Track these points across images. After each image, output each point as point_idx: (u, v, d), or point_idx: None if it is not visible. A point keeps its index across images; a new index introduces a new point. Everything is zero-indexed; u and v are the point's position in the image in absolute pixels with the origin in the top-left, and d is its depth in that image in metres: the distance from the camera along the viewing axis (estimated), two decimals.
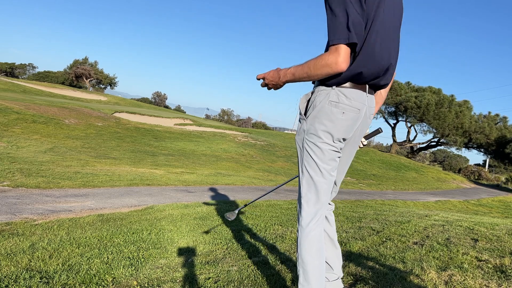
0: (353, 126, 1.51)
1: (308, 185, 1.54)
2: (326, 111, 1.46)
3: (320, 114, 1.48)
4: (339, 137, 1.49)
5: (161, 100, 66.07)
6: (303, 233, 1.53)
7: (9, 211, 4.10)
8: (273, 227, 4.06)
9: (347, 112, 1.46)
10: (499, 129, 31.41)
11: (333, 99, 1.46)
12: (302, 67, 1.44)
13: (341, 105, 1.46)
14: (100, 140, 14.24)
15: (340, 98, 1.46)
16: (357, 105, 1.48)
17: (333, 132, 1.47)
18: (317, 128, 1.48)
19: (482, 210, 13.58)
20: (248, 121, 54.92)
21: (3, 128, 12.04)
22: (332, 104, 1.46)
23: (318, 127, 1.48)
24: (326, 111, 1.46)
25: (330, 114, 1.46)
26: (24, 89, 29.55)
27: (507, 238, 3.33)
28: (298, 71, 1.46)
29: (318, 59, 1.38)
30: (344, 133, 1.50)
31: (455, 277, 2.25)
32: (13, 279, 2.18)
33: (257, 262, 2.66)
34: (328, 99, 1.47)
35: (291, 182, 11.81)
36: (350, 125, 1.49)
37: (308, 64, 1.41)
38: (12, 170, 6.51)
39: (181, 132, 21.27)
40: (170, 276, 2.39)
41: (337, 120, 1.46)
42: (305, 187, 1.55)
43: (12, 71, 59.15)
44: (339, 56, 1.32)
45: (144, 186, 6.96)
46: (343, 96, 1.46)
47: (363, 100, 1.50)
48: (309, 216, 1.53)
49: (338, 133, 1.48)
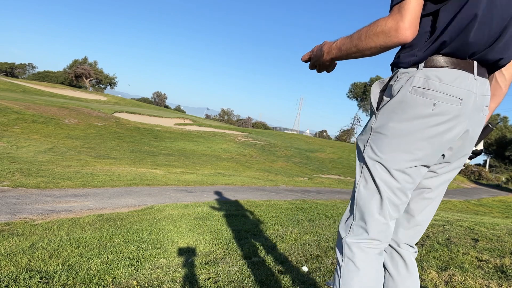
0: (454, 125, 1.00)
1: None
2: (409, 102, 0.99)
3: (398, 107, 1.01)
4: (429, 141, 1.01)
5: (161, 100, 66.11)
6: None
7: (9, 211, 4.09)
8: (273, 227, 4.06)
9: (440, 103, 0.97)
10: (499, 129, 31.42)
11: (418, 84, 0.99)
12: (351, 38, 1.04)
13: (431, 92, 0.97)
14: (100, 140, 14.23)
15: (430, 83, 0.98)
16: (458, 92, 0.97)
17: (420, 134, 1.00)
18: (392, 126, 1.02)
19: (483, 210, 13.58)
20: (248, 121, 54.96)
21: (3, 128, 12.04)
22: (418, 92, 0.98)
23: (394, 125, 1.01)
24: (409, 102, 0.99)
25: (414, 107, 0.99)
26: (24, 89, 29.55)
27: (507, 238, 3.33)
28: (346, 43, 1.06)
29: (373, 25, 0.98)
30: (441, 136, 1.01)
31: (455, 277, 2.24)
32: (13, 279, 2.17)
33: (257, 262, 2.65)
34: (412, 84, 0.99)
35: (290, 182, 11.82)
36: (450, 124, 0.99)
37: (359, 32, 1.02)
38: (12, 170, 6.51)
39: (181, 132, 21.27)
40: (170, 276, 2.39)
41: (425, 116, 0.98)
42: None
43: (12, 71, 59.18)
44: (401, 19, 0.93)
45: (144, 186, 6.96)
46: (435, 79, 0.98)
47: (468, 84, 0.99)
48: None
49: (428, 136, 1.00)
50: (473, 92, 0.99)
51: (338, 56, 1.11)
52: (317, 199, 7.82)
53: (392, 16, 0.95)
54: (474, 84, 0.99)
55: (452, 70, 0.98)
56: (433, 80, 0.98)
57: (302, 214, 5.14)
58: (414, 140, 1.00)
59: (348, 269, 1.06)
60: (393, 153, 1.02)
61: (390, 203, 1.05)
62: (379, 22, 0.97)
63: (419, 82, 0.99)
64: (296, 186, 11.09)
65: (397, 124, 1.01)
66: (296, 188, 10.65)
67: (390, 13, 0.97)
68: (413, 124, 1.00)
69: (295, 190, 9.79)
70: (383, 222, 1.06)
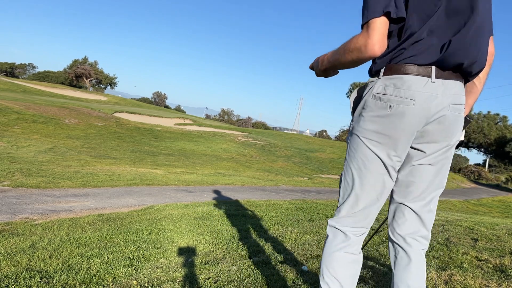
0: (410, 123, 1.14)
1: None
2: (370, 106, 1.17)
3: (364, 111, 1.19)
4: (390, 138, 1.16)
5: (161, 100, 66.12)
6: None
7: (9, 211, 4.10)
8: (273, 227, 4.06)
9: (395, 105, 1.13)
10: (499, 129, 31.41)
11: (378, 91, 1.16)
12: (335, 52, 1.21)
13: (387, 97, 1.14)
14: (100, 140, 14.24)
15: (387, 89, 1.14)
16: (410, 94, 1.11)
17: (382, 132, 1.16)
18: (362, 127, 1.20)
19: (482, 210, 13.59)
20: (248, 121, 54.96)
21: (3, 128, 12.04)
22: (377, 97, 1.16)
23: (364, 125, 1.19)
24: (370, 106, 1.17)
25: (374, 110, 1.16)
26: (24, 89, 29.55)
27: (507, 237, 3.33)
28: (332, 57, 1.24)
29: (348, 42, 1.14)
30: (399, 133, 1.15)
31: (455, 276, 2.25)
32: (13, 279, 2.18)
33: (257, 262, 2.66)
34: (372, 91, 1.17)
35: (290, 182, 11.82)
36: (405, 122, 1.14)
37: (340, 48, 1.18)
38: (12, 170, 6.51)
39: (181, 132, 21.28)
40: (170, 276, 2.39)
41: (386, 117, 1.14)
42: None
43: (12, 71, 59.18)
44: (369, 37, 1.07)
45: (144, 186, 6.96)
46: (390, 85, 1.14)
47: (424, 87, 1.12)
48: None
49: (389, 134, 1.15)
50: (431, 93, 1.12)
51: (328, 67, 1.28)
52: (317, 199, 7.83)
53: (362, 34, 1.09)
54: (433, 86, 1.12)
55: (406, 76, 1.12)
56: (388, 86, 1.14)
57: (302, 214, 5.15)
58: (378, 137, 1.17)
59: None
60: (363, 149, 1.20)
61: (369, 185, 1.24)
62: (353, 40, 1.12)
63: (378, 89, 1.16)
64: (296, 186, 11.09)
65: (365, 124, 1.19)
66: (296, 188, 10.65)
67: (361, 31, 1.11)
68: (375, 124, 1.16)
69: (295, 190, 9.80)
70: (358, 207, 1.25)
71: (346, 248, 1.26)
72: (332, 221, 1.31)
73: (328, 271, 1.25)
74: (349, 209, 1.26)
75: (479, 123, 31.35)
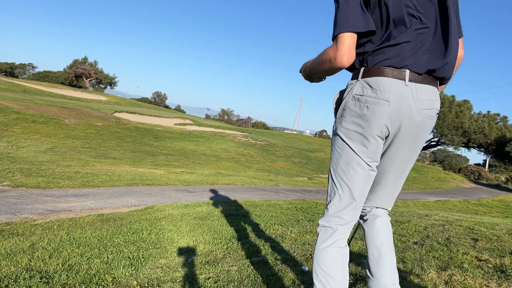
0: (384, 123, 1.21)
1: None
2: (350, 107, 1.26)
3: (344, 112, 1.28)
4: (369, 137, 1.24)
5: (161, 100, 66.11)
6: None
7: (9, 211, 4.10)
8: (273, 227, 4.06)
9: (371, 106, 1.21)
10: (499, 128, 31.41)
11: (357, 92, 1.24)
12: (313, 61, 1.32)
13: (364, 98, 1.22)
14: (100, 140, 14.24)
15: (365, 91, 1.22)
16: (386, 96, 1.19)
17: (361, 132, 1.25)
18: (343, 127, 1.29)
19: (482, 210, 13.59)
20: (248, 121, 54.95)
21: (3, 128, 12.04)
22: (355, 98, 1.24)
23: (345, 125, 1.28)
24: (350, 107, 1.26)
25: (353, 110, 1.25)
26: (24, 89, 29.55)
27: (507, 237, 3.33)
28: (311, 65, 1.34)
29: (322, 53, 1.23)
30: (376, 132, 1.23)
31: (455, 276, 2.25)
32: (13, 279, 2.18)
33: (257, 262, 2.65)
34: (352, 93, 1.25)
35: (290, 182, 11.82)
36: (381, 122, 1.21)
37: (316, 57, 1.29)
38: (12, 170, 6.51)
39: (181, 132, 21.27)
40: (170, 276, 2.39)
41: (363, 117, 1.22)
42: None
43: (12, 71, 59.17)
44: (337, 50, 1.15)
45: (144, 186, 6.96)
46: (368, 87, 1.22)
47: (399, 89, 1.19)
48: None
49: (367, 133, 1.24)
50: (404, 96, 1.19)
51: (310, 74, 1.37)
52: (317, 199, 7.82)
53: (332, 47, 1.18)
54: (406, 89, 1.20)
55: (381, 79, 1.20)
56: (366, 88, 1.22)
57: (302, 214, 5.15)
58: (356, 136, 1.25)
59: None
60: (346, 149, 1.29)
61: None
62: (325, 52, 1.21)
63: (357, 91, 1.24)
64: (296, 186, 11.09)
65: (345, 124, 1.27)
66: (296, 188, 10.65)
67: (332, 44, 1.19)
68: (355, 124, 1.24)
69: (295, 190, 9.79)
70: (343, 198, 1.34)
71: (336, 243, 1.32)
72: (322, 220, 1.37)
73: (320, 268, 1.29)
74: (337, 206, 1.33)
75: (479, 123, 31.35)
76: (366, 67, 1.23)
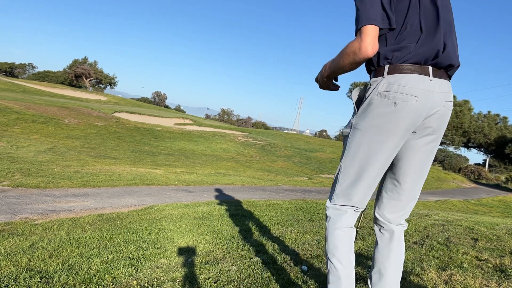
0: (413, 117, 1.26)
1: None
2: (376, 103, 1.28)
3: (369, 108, 1.30)
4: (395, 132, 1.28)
5: (161, 99, 66.10)
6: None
7: (9, 211, 4.10)
8: (273, 227, 4.06)
9: (400, 102, 1.24)
10: (499, 129, 31.41)
11: (383, 89, 1.27)
12: (334, 58, 1.35)
13: (392, 94, 1.25)
14: (100, 140, 14.24)
15: (391, 87, 1.25)
16: (414, 92, 1.24)
17: (386, 126, 1.28)
18: (366, 122, 1.31)
19: (482, 209, 13.59)
20: (248, 120, 54.96)
21: (3, 128, 12.04)
22: (382, 95, 1.27)
23: (368, 121, 1.31)
24: (376, 103, 1.28)
25: (380, 107, 1.27)
26: (24, 89, 29.54)
27: (507, 237, 3.33)
28: (333, 62, 1.36)
29: (345, 47, 1.27)
30: (405, 126, 1.27)
31: (455, 276, 2.25)
32: (13, 279, 2.18)
33: (257, 262, 2.65)
34: (377, 89, 1.28)
35: (290, 182, 11.82)
36: (410, 116, 1.26)
37: (338, 54, 1.32)
38: (12, 170, 6.51)
39: (181, 132, 21.27)
40: (170, 276, 2.39)
41: (391, 113, 1.26)
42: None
43: (12, 71, 59.17)
44: (362, 41, 1.20)
45: (144, 186, 6.96)
46: (395, 84, 1.25)
47: (425, 85, 1.25)
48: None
49: (394, 128, 1.27)
50: (430, 91, 1.26)
51: (330, 73, 1.39)
52: (317, 199, 7.82)
53: (356, 39, 1.23)
54: (431, 84, 1.26)
55: (408, 75, 1.25)
56: (393, 84, 1.25)
57: (302, 214, 5.15)
58: (381, 132, 1.29)
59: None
60: (365, 143, 1.33)
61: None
62: (348, 45, 1.25)
63: (383, 87, 1.27)
64: (296, 186, 11.10)
65: (370, 120, 1.30)
66: (296, 187, 10.65)
67: (355, 37, 1.24)
68: (380, 119, 1.28)
69: (295, 190, 9.80)
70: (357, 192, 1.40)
71: (346, 226, 1.42)
72: (330, 202, 1.46)
73: (332, 252, 1.40)
74: (347, 185, 1.40)
75: (479, 123, 31.35)
76: (391, 64, 1.27)
